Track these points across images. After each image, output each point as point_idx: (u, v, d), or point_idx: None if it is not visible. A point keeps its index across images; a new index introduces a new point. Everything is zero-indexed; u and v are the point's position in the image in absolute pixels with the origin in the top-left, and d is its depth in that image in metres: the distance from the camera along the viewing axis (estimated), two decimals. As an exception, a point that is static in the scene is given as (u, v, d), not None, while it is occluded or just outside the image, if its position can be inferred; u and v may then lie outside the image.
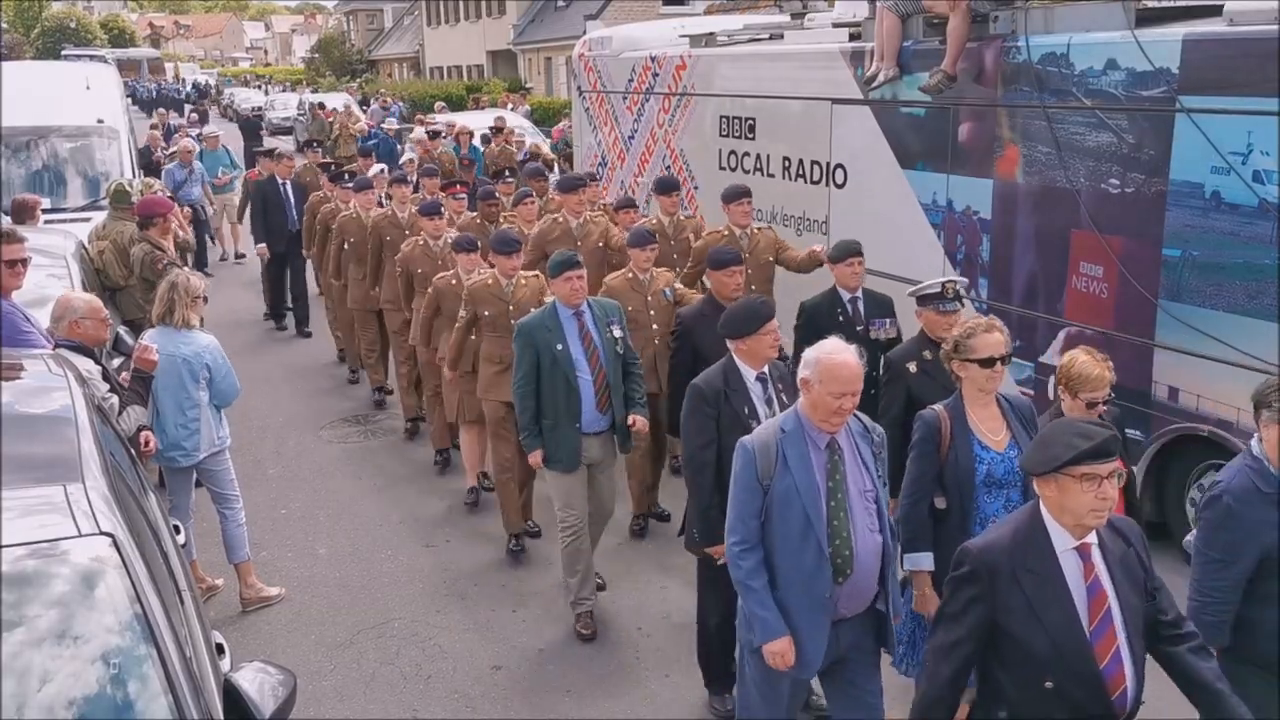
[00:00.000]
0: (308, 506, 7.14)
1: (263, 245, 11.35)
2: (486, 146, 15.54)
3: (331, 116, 22.91)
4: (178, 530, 4.32)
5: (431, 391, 7.59)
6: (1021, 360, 6.28)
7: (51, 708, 2.44)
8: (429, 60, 47.52)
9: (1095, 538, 2.87)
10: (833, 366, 3.43)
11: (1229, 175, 5.29)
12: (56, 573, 2.68)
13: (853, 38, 7.89)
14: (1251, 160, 5.18)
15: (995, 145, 6.59)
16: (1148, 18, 5.96)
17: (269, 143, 23.55)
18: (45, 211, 8.73)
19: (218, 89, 54.88)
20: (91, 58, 32.09)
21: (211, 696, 2.81)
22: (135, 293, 7.29)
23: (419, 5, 48.13)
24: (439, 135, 15.41)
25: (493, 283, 6.17)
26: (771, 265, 7.00)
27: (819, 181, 8.11)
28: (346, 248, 8.81)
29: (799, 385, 3.56)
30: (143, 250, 7.24)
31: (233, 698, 2.82)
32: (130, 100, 22.28)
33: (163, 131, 20.06)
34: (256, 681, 2.87)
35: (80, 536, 2.75)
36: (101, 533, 2.77)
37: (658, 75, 10.03)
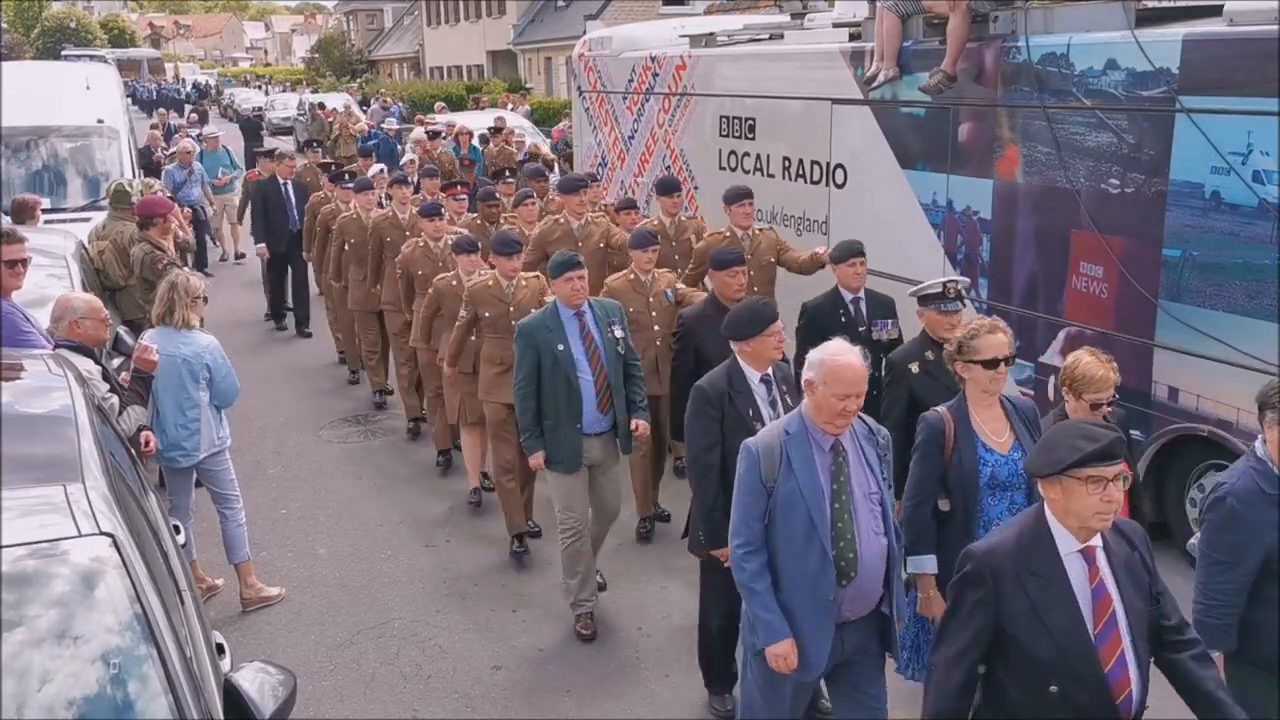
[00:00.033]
0: (308, 506, 7.14)
1: (262, 245, 11.34)
2: (485, 147, 15.52)
3: (331, 116, 22.90)
4: (178, 530, 4.32)
5: (433, 392, 7.58)
6: (1022, 360, 6.27)
7: (51, 708, 2.44)
8: (429, 60, 47.53)
9: (1100, 541, 2.85)
10: (837, 368, 3.41)
11: (1229, 175, 5.29)
12: (56, 573, 2.68)
13: (853, 38, 7.89)
14: (1251, 160, 5.19)
15: (995, 145, 6.59)
16: (1148, 18, 5.96)
17: (269, 143, 23.55)
18: (45, 211, 8.73)
19: (218, 89, 54.87)
20: (91, 58, 32.10)
21: (211, 696, 2.81)
22: (135, 293, 7.29)
23: (419, 5, 48.13)
24: (439, 135, 15.39)
25: (493, 284, 6.15)
26: (773, 266, 6.99)
27: (819, 181, 8.11)
28: (347, 249, 8.79)
29: (803, 387, 3.55)
30: (143, 250, 7.24)
31: (233, 698, 2.82)
32: (130, 100, 22.28)
33: (163, 132, 20.06)
34: (256, 681, 2.87)
35: (80, 536, 2.75)
36: (101, 533, 2.77)
37: (658, 75, 10.03)
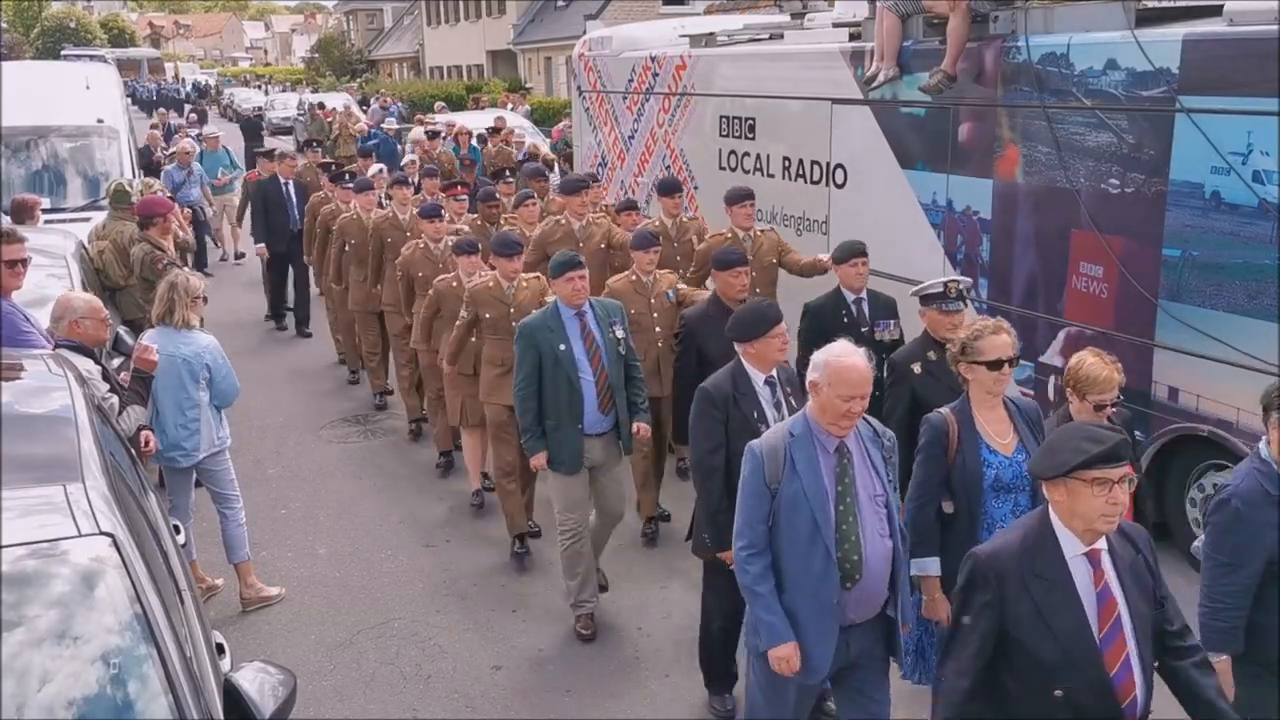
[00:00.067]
0: (308, 506, 7.13)
1: (262, 245, 11.34)
2: (483, 147, 15.50)
3: (330, 116, 22.89)
4: (178, 530, 4.32)
5: (434, 394, 7.55)
6: (1022, 360, 6.25)
7: (51, 708, 2.44)
8: (429, 60, 47.54)
9: (1105, 543, 2.83)
10: (841, 369, 3.39)
11: (1229, 175, 5.29)
12: (56, 573, 2.68)
13: (853, 38, 7.89)
14: (1251, 160, 5.18)
15: (995, 145, 6.59)
16: (1148, 18, 5.96)
17: (269, 143, 23.55)
18: (45, 211, 8.72)
19: (217, 89, 54.89)
20: (91, 58, 32.10)
21: (211, 696, 2.81)
22: (135, 293, 7.29)
23: (419, 5, 48.14)
24: (438, 135, 15.37)
25: (494, 285, 6.13)
26: (775, 268, 6.97)
27: (819, 181, 8.11)
28: (347, 249, 8.78)
29: (807, 388, 3.52)
30: (143, 250, 7.24)
31: (233, 698, 2.82)
32: (130, 100, 22.29)
33: (163, 131, 20.07)
34: (256, 681, 2.87)
35: (80, 536, 2.75)
36: (101, 533, 2.78)
37: (658, 75, 10.03)
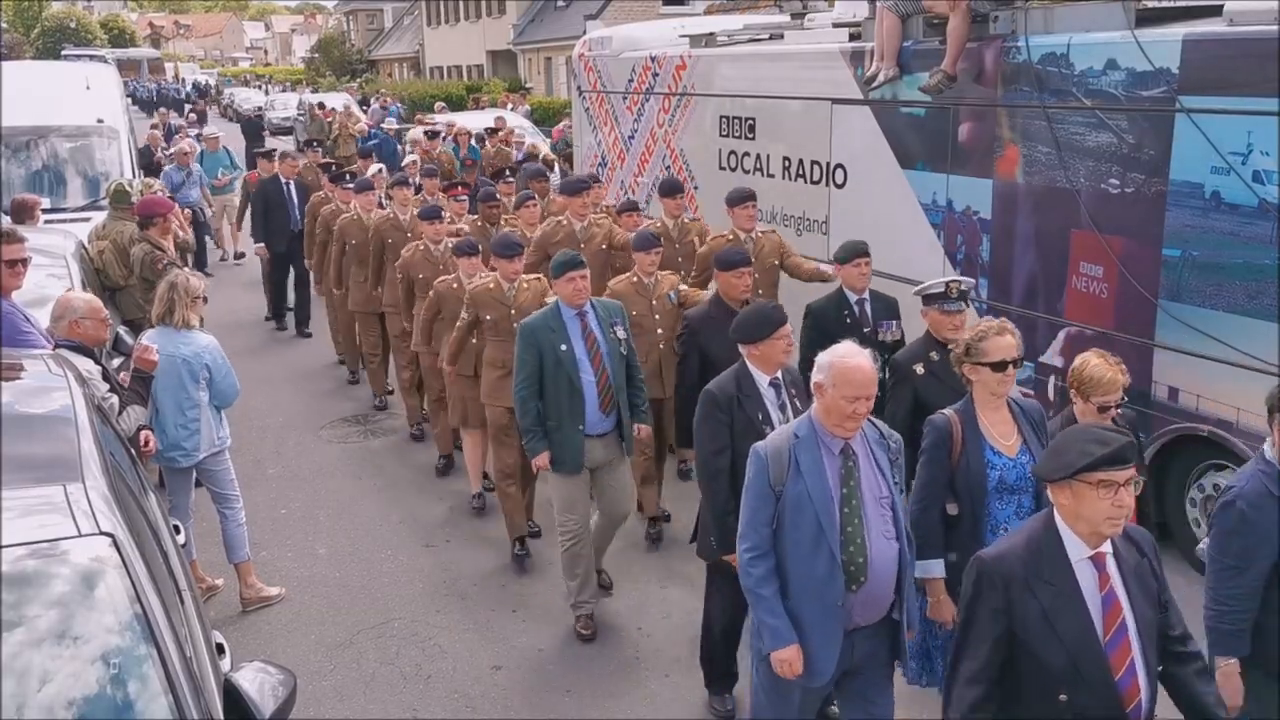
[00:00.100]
0: (308, 506, 7.13)
1: (261, 245, 11.33)
2: (482, 147, 15.49)
3: (330, 116, 22.87)
4: (178, 530, 4.32)
5: (435, 396, 7.52)
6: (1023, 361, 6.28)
7: (51, 708, 2.44)
8: (429, 60, 47.54)
9: (1110, 547, 2.81)
10: (846, 370, 3.37)
11: (1229, 175, 5.28)
12: (56, 573, 2.68)
13: (853, 38, 7.89)
14: (1251, 160, 5.18)
15: (995, 145, 6.59)
16: (1148, 18, 5.96)
17: (270, 143, 23.54)
18: (45, 211, 8.73)
19: (217, 89, 54.88)
20: (91, 58, 32.10)
21: (211, 696, 2.81)
22: (135, 293, 7.29)
23: (419, 5, 48.15)
24: (438, 135, 15.36)
25: (495, 286, 6.12)
26: (777, 269, 6.94)
27: (819, 181, 8.11)
28: (347, 250, 8.77)
29: (812, 389, 3.50)
30: (143, 250, 7.24)
31: (233, 698, 2.82)
32: (130, 100, 22.29)
33: (163, 131, 20.07)
34: (256, 681, 2.87)
35: (80, 536, 2.75)
36: (101, 533, 2.78)
37: (658, 75, 10.03)
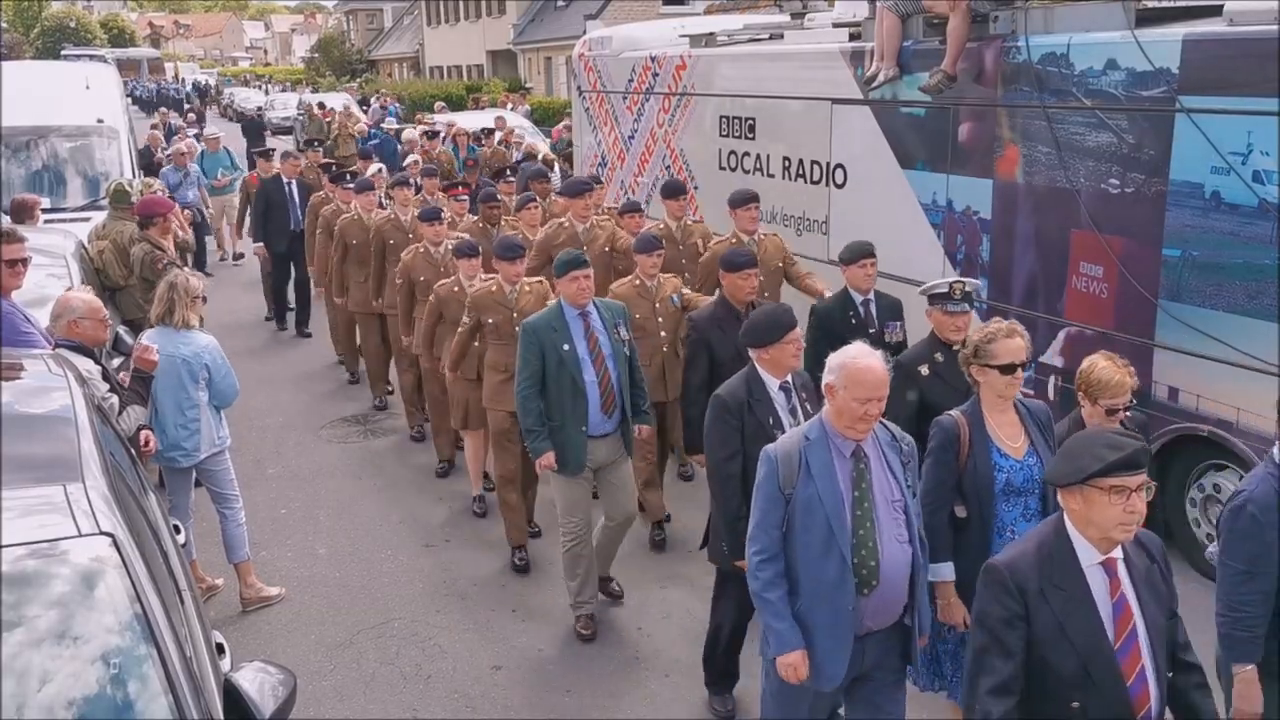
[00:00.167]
0: (308, 506, 7.13)
1: (260, 245, 11.33)
2: (480, 146, 15.45)
3: (329, 116, 22.85)
4: (178, 530, 4.32)
5: (436, 401, 7.48)
6: (1023, 361, 6.27)
7: (51, 708, 2.44)
8: (429, 60, 47.54)
9: (1121, 552, 2.79)
10: (857, 371, 3.34)
11: (1229, 175, 5.28)
12: (56, 573, 2.68)
13: (853, 38, 7.89)
14: (1251, 160, 5.18)
15: (995, 145, 6.59)
16: (1148, 18, 5.96)
17: (270, 143, 23.53)
18: (45, 211, 8.73)
19: (217, 89, 54.86)
20: (91, 57, 32.09)
21: (211, 696, 2.81)
22: (135, 293, 7.28)
23: (419, 5, 48.16)
24: (437, 136, 15.34)
25: (496, 289, 6.09)
26: (780, 272, 6.88)
27: (819, 181, 8.11)
28: (349, 250, 8.72)
29: (823, 391, 3.47)
30: (143, 250, 7.24)
31: (233, 698, 2.82)
32: (130, 100, 22.28)
33: (164, 132, 20.05)
34: (256, 681, 2.87)
35: (80, 536, 2.75)
36: (101, 533, 2.78)
37: (658, 75, 10.03)
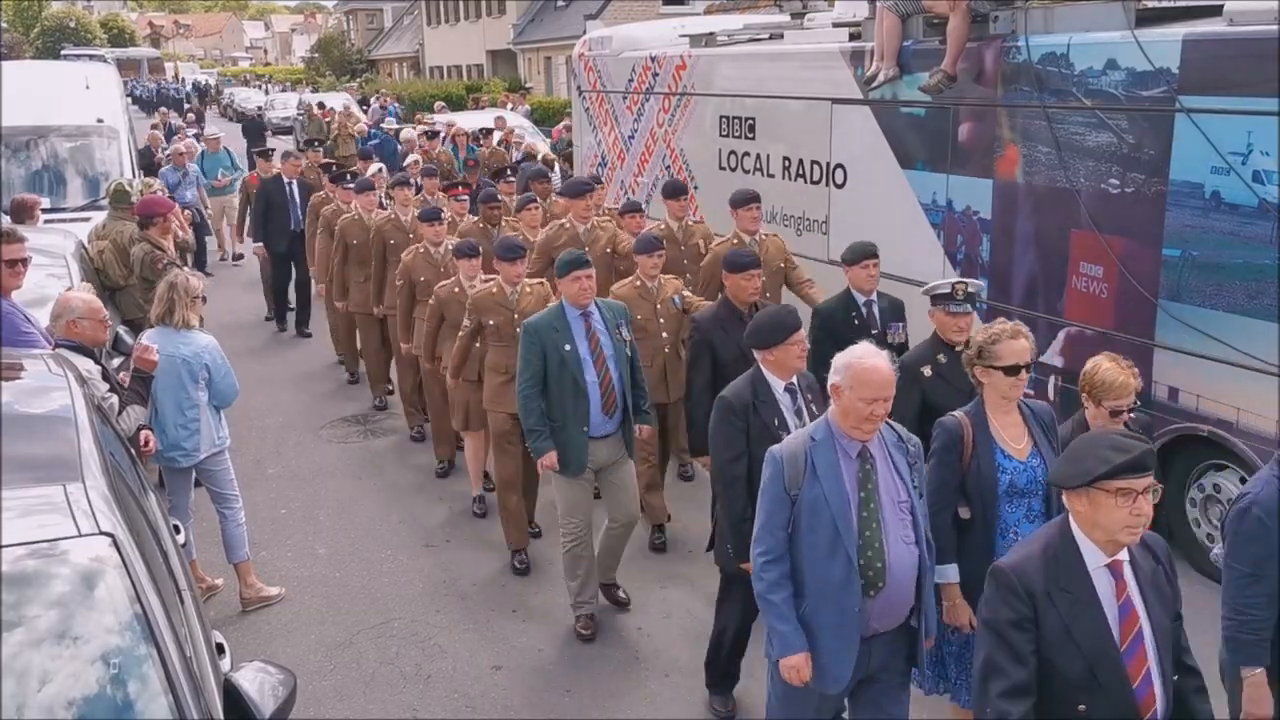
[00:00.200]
0: (308, 506, 7.13)
1: (259, 245, 11.32)
2: (478, 146, 15.44)
3: (329, 116, 22.84)
4: (178, 530, 4.32)
5: (436, 403, 7.47)
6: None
7: (51, 708, 2.44)
8: (429, 60, 47.54)
9: (1126, 554, 2.78)
10: (863, 371, 3.33)
11: (1229, 175, 5.29)
12: (56, 573, 2.68)
13: (853, 38, 7.89)
14: (1251, 160, 5.18)
15: (995, 145, 6.59)
16: (1148, 18, 5.97)
17: (271, 143, 23.52)
18: (45, 211, 8.73)
19: (217, 89, 54.84)
20: (91, 57, 32.09)
21: (211, 696, 2.81)
22: (135, 293, 7.29)
23: (419, 5, 48.15)
24: (437, 136, 15.32)
25: (497, 291, 6.08)
26: (781, 273, 6.87)
27: (819, 181, 8.11)
28: (349, 250, 8.72)
29: (829, 392, 3.46)
30: (143, 250, 7.25)
31: (233, 698, 2.82)
32: (130, 100, 22.27)
33: (164, 131, 20.05)
34: (256, 681, 2.87)
35: (80, 536, 2.75)
36: (101, 533, 2.78)
37: (658, 75, 10.03)
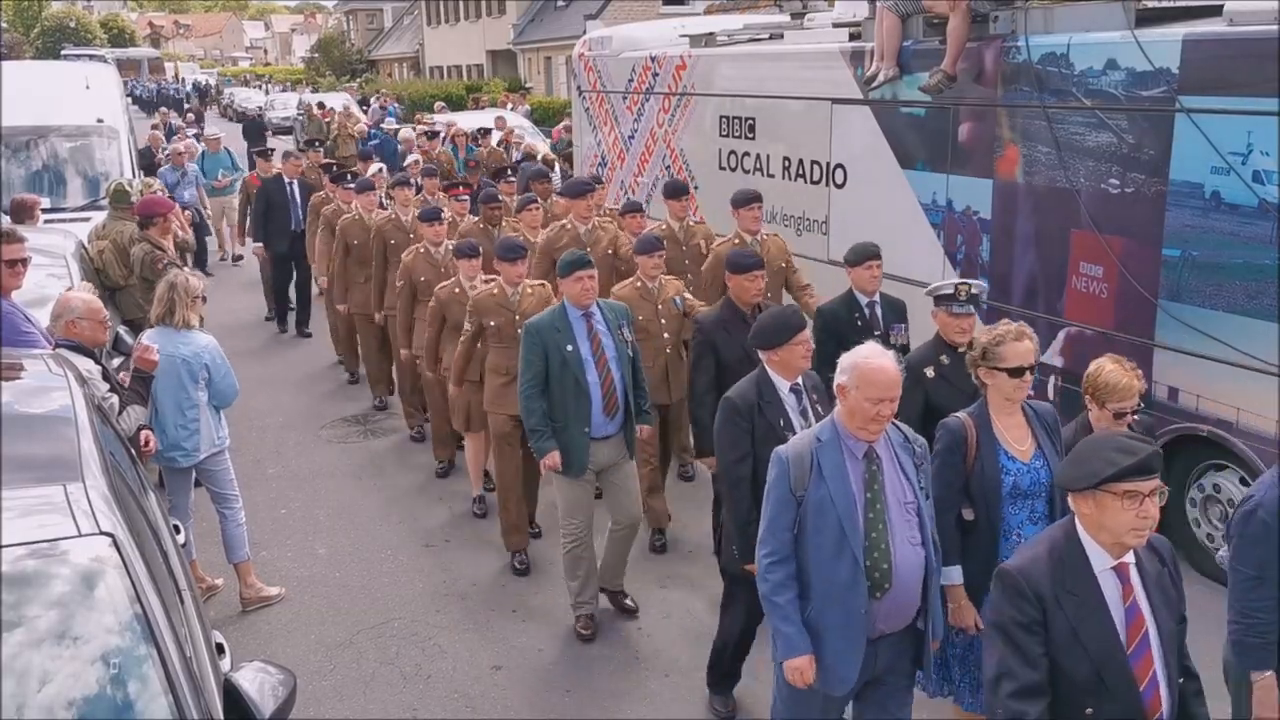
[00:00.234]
0: (308, 506, 7.13)
1: (259, 245, 11.31)
2: (477, 146, 15.42)
3: (328, 116, 22.83)
4: (178, 530, 4.32)
5: (435, 400, 7.46)
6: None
7: (51, 708, 2.43)
8: (429, 60, 47.54)
9: (1133, 557, 2.78)
10: (870, 371, 3.31)
11: (1229, 175, 5.29)
12: (56, 573, 2.68)
13: (853, 38, 7.89)
14: (1251, 160, 5.19)
15: (995, 145, 6.59)
16: (1148, 18, 5.97)
17: (271, 143, 23.51)
18: (45, 211, 8.73)
19: (217, 89, 54.85)
20: (91, 57, 32.08)
21: (211, 696, 2.81)
22: (135, 293, 7.28)
23: (419, 5, 48.15)
24: (436, 136, 15.32)
25: (498, 292, 6.07)
26: (783, 273, 6.87)
27: (819, 181, 8.11)
28: (350, 250, 8.73)
29: (835, 392, 3.44)
30: (143, 250, 7.25)
31: (233, 698, 2.82)
32: (130, 100, 22.27)
33: (164, 131, 20.04)
34: (256, 681, 2.87)
35: (80, 536, 2.75)
36: (101, 533, 2.78)
37: (658, 75, 10.04)
